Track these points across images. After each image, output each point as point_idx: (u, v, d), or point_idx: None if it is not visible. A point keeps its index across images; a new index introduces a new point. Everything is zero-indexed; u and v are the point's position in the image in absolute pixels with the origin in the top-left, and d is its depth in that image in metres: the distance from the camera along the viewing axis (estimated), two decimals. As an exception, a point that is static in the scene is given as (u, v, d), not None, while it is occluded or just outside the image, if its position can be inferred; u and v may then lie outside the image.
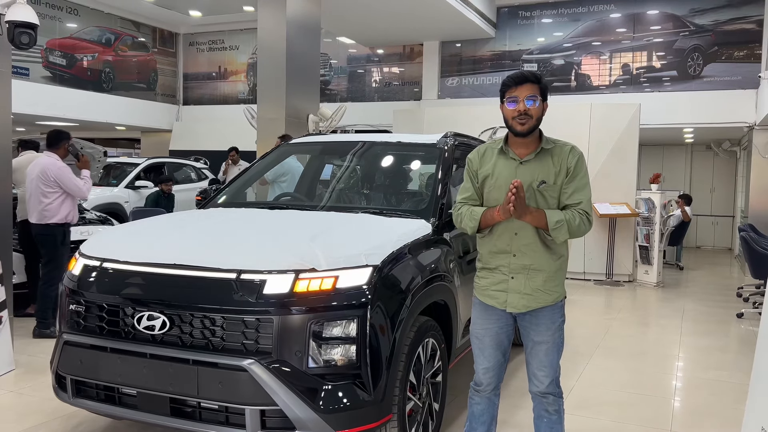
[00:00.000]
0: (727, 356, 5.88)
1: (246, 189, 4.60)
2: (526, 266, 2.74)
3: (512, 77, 2.70)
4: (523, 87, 2.67)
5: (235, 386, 2.69)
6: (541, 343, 2.79)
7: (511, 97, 2.69)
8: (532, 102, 2.66)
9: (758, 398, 2.66)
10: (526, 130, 2.69)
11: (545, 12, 13.34)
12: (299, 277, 2.77)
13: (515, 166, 2.74)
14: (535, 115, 2.68)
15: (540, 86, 2.70)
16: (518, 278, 2.75)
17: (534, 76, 2.70)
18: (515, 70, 2.83)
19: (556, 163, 2.73)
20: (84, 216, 7.41)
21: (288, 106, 8.08)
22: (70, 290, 3.14)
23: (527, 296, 2.74)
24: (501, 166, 2.77)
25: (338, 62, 15.64)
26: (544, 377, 2.82)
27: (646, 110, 10.50)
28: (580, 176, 2.73)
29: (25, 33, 5.04)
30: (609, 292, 8.98)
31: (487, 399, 2.93)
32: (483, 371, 2.89)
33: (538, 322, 2.78)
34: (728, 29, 11.98)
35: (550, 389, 2.83)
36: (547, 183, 2.71)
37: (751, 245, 7.33)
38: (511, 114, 2.69)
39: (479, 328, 2.86)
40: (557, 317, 2.82)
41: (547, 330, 2.79)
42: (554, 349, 2.81)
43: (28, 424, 3.71)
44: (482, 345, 2.86)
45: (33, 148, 6.60)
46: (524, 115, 2.65)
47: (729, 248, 15.09)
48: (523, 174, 2.72)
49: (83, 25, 14.56)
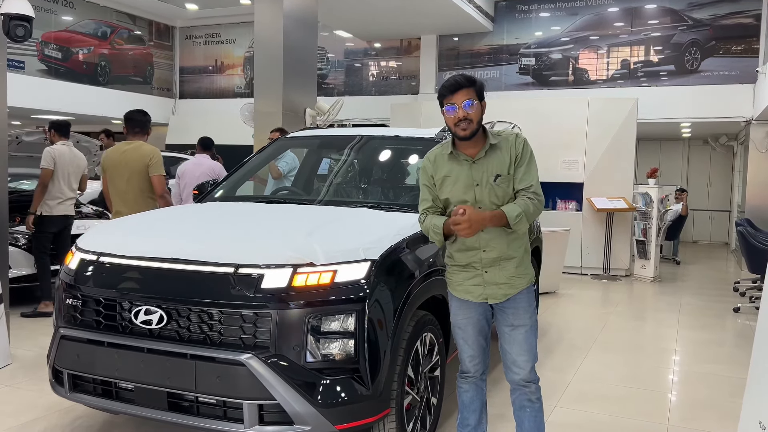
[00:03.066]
0: (723, 350, 5.90)
1: (243, 183, 4.59)
2: (496, 258, 2.81)
3: (446, 86, 2.77)
4: (458, 93, 2.74)
5: (233, 381, 2.69)
6: (520, 326, 2.84)
7: (449, 105, 2.75)
8: (470, 105, 2.73)
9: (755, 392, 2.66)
10: (469, 134, 2.76)
11: (543, 6, 13.32)
12: (297, 271, 2.76)
13: (468, 166, 2.83)
14: (475, 119, 2.75)
15: (475, 89, 2.77)
16: (492, 271, 2.82)
17: (467, 80, 2.77)
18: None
19: (505, 154, 2.81)
20: (80, 210, 7.40)
21: (285, 100, 8.05)
22: (66, 284, 3.12)
23: (504, 285, 2.83)
24: (455, 168, 2.85)
25: (335, 56, 15.59)
26: (525, 362, 2.85)
27: (644, 105, 10.50)
28: (527, 161, 2.82)
29: (21, 25, 5.02)
30: (606, 287, 8.99)
31: (474, 385, 2.99)
32: (469, 359, 2.95)
33: (517, 306, 2.84)
34: (726, 23, 11.97)
35: (531, 376, 2.87)
36: (502, 176, 2.79)
37: (747, 240, 7.35)
38: (453, 121, 2.76)
39: (461, 318, 2.92)
40: (532, 300, 2.89)
41: (525, 313, 2.85)
42: (532, 332, 2.87)
43: (25, 419, 3.70)
44: (465, 334, 2.92)
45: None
46: (464, 120, 2.73)
47: (726, 243, 15.13)
48: (477, 172, 2.81)
49: (79, 18, 14.48)
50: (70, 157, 6.33)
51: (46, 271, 6.14)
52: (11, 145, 6.53)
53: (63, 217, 6.25)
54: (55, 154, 6.15)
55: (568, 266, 9.39)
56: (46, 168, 6.09)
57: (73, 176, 6.34)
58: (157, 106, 16.35)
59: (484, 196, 2.79)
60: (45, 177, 6.09)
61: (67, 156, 6.27)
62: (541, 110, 9.90)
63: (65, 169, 6.23)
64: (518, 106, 10.40)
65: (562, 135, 9.60)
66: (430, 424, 3.35)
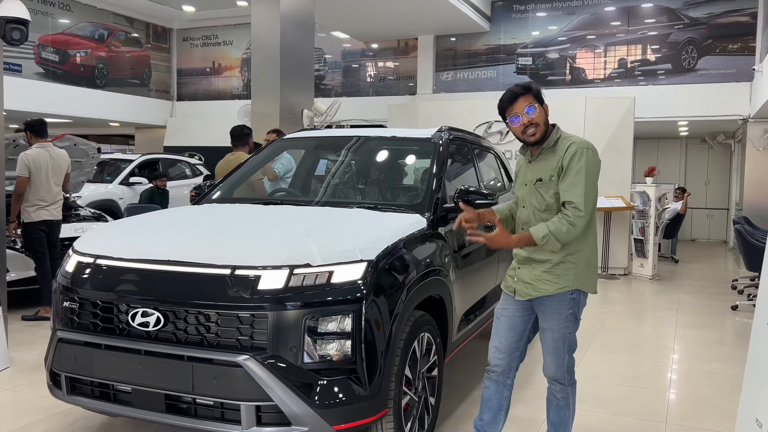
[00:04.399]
0: (722, 348, 5.91)
1: (240, 185, 4.58)
2: (528, 258, 2.88)
3: (505, 99, 2.82)
4: (517, 102, 2.79)
5: (231, 382, 2.68)
6: (546, 330, 2.91)
7: (512, 115, 2.81)
8: (532, 111, 2.78)
9: (752, 390, 2.67)
10: (538, 139, 2.83)
11: (540, 5, 13.33)
12: (294, 272, 2.76)
13: (526, 164, 2.94)
14: (541, 122, 2.80)
15: (532, 94, 2.80)
16: (523, 268, 2.91)
17: (522, 88, 2.80)
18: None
19: (556, 160, 2.83)
20: (78, 213, 7.39)
21: (282, 101, 8.05)
22: (63, 287, 3.12)
23: (528, 285, 2.88)
24: (522, 167, 3.01)
25: (333, 57, 15.61)
26: (550, 363, 2.94)
27: (641, 103, 10.51)
28: (573, 173, 2.76)
29: (17, 29, 5.02)
30: (604, 286, 9.00)
31: (495, 383, 3.03)
32: (494, 350, 3.01)
33: (544, 309, 2.89)
34: (722, 22, 11.99)
35: (557, 375, 2.94)
36: (543, 180, 2.82)
37: (745, 237, 7.35)
38: (519, 130, 2.81)
39: (500, 307, 3.05)
40: (564, 308, 2.87)
41: (552, 319, 2.88)
42: (560, 339, 2.89)
43: (23, 422, 3.70)
44: (498, 324, 3.02)
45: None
46: (530, 126, 2.78)
47: (724, 241, 15.15)
48: (528, 172, 2.91)
49: (76, 21, 14.48)
50: (48, 159, 6.08)
51: (47, 275, 5.97)
52: (8, 148, 6.51)
53: (47, 222, 6.07)
54: (29, 160, 5.92)
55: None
56: (21, 176, 5.88)
57: (54, 179, 6.11)
58: (154, 108, 16.37)
59: (527, 197, 2.90)
60: (20, 185, 5.88)
61: (44, 159, 6.03)
62: (538, 110, 9.89)
63: (42, 173, 6.00)
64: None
65: (560, 134, 9.59)
66: (428, 424, 3.35)
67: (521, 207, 2.96)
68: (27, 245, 6.16)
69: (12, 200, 5.98)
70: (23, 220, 6.03)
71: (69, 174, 6.45)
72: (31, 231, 6.05)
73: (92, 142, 7.98)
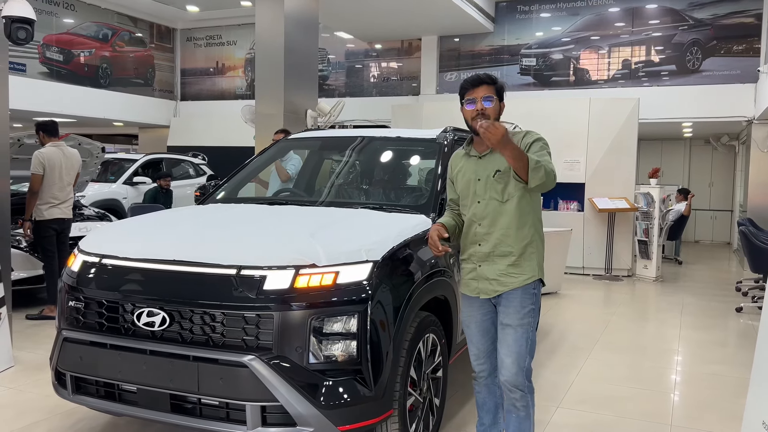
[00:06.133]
0: (726, 350, 5.89)
1: (245, 185, 4.58)
2: (489, 253, 2.86)
3: (469, 80, 2.86)
4: (479, 89, 2.83)
5: (236, 382, 2.68)
6: (508, 326, 2.83)
7: (469, 99, 2.84)
8: (490, 102, 2.82)
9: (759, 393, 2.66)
10: None
11: (544, 6, 13.31)
12: (299, 272, 2.76)
13: (475, 161, 2.93)
14: (492, 116, 2.81)
15: (495, 87, 2.86)
16: (485, 265, 2.88)
17: (489, 78, 2.86)
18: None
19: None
20: (82, 212, 7.40)
21: (286, 101, 8.05)
22: (69, 287, 3.13)
23: (494, 281, 2.86)
24: (466, 165, 2.98)
25: (336, 57, 15.60)
26: (511, 364, 2.81)
27: (645, 105, 10.49)
28: (537, 148, 2.80)
29: (22, 28, 5.02)
30: (608, 287, 8.98)
31: (485, 387, 3.04)
32: (474, 358, 3.02)
33: (507, 304, 2.85)
34: (727, 23, 11.96)
35: (517, 381, 2.81)
36: (502, 171, 2.82)
37: (750, 239, 7.34)
38: (471, 114, 2.83)
39: (465, 316, 3.03)
40: (528, 302, 2.84)
41: (516, 313, 2.82)
42: (523, 335, 2.82)
43: (27, 421, 3.70)
44: (469, 332, 3.01)
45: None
46: (482, 115, 2.79)
47: (727, 242, 15.11)
48: (481, 168, 2.90)
49: (80, 21, 14.50)
50: (62, 157, 6.18)
51: (56, 274, 5.98)
52: (13, 147, 6.53)
53: (59, 220, 6.15)
54: (44, 158, 6.02)
55: (569, 267, 9.39)
56: (35, 174, 5.98)
57: (66, 178, 6.21)
58: (158, 108, 16.38)
59: (483, 191, 2.87)
60: (35, 183, 5.98)
61: (57, 158, 6.13)
62: (542, 111, 9.88)
63: (56, 172, 6.10)
64: (519, 106, 10.39)
65: (564, 135, 9.58)
66: (433, 425, 3.35)
67: (475, 203, 2.89)
68: (37, 243, 6.17)
69: (27, 198, 6.06)
70: (35, 218, 6.08)
71: (78, 173, 6.53)
72: (42, 229, 6.10)
73: (96, 142, 7.99)
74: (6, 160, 5.33)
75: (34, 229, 6.09)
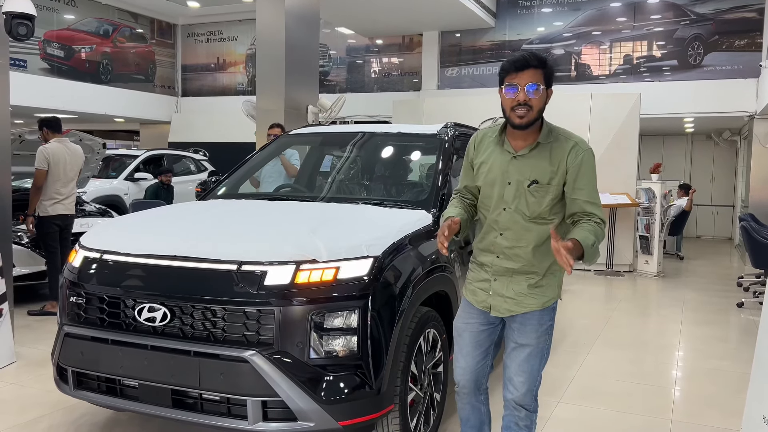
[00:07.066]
0: (727, 345, 5.89)
1: (246, 180, 4.58)
2: (509, 269, 2.50)
3: (513, 61, 2.39)
4: (524, 73, 2.37)
5: (237, 377, 2.69)
6: (524, 346, 2.52)
7: (511, 84, 2.39)
8: (534, 89, 2.36)
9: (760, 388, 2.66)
10: (525, 124, 2.40)
11: (545, 1, 13.28)
12: (300, 268, 2.76)
13: (509, 159, 2.49)
14: (537, 107, 2.38)
15: (544, 72, 2.39)
16: (501, 281, 2.52)
17: (538, 60, 2.38)
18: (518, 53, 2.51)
19: (554, 161, 2.44)
20: (83, 208, 7.41)
21: (287, 97, 8.05)
22: (70, 282, 3.13)
23: (510, 300, 2.51)
24: (495, 157, 2.52)
25: (337, 53, 15.58)
26: (521, 384, 2.52)
27: (647, 100, 10.47)
28: (588, 180, 2.44)
29: (23, 24, 5.01)
30: (609, 283, 8.98)
31: (469, 405, 2.70)
32: (460, 371, 2.65)
33: (524, 322, 2.52)
34: (729, 18, 11.92)
35: (525, 401, 2.54)
36: (540, 183, 2.43)
37: (751, 234, 7.33)
38: (510, 104, 2.40)
39: (461, 322, 2.67)
40: (546, 320, 2.55)
41: (534, 332, 2.52)
42: (537, 355, 2.53)
43: (29, 417, 3.71)
44: (461, 342, 2.64)
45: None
46: (524, 105, 2.37)
47: (729, 238, 15.10)
48: (515, 170, 2.47)
49: (81, 17, 14.49)
50: (66, 153, 6.19)
51: (57, 270, 5.94)
52: (14, 143, 6.53)
53: (62, 216, 6.16)
54: (48, 153, 6.03)
55: (571, 262, 9.37)
56: (39, 169, 5.99)
57: (70, 173, 6.23)
58: (159, 104, 16.37)
59: (512, 199, 2.46)
60: (39, 178, 5.99)
61: (61, 154, 6.14)
62: (543, 106, 9.87)
63: (60, 167, 6.11)
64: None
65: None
66: (434, 421, 3.35)
67: (500, 209, 2.49)
68: (40, 239, 6.17)
69: (31, 193, 6.08)
70: (39, 213, 6.09)
71: (81, 169, 6.55)
72: (45, 225, 6.11)
73: (97, 138, 7.99)
74: (7, 156, 5.34)
75: (38, 225, 6.10)
